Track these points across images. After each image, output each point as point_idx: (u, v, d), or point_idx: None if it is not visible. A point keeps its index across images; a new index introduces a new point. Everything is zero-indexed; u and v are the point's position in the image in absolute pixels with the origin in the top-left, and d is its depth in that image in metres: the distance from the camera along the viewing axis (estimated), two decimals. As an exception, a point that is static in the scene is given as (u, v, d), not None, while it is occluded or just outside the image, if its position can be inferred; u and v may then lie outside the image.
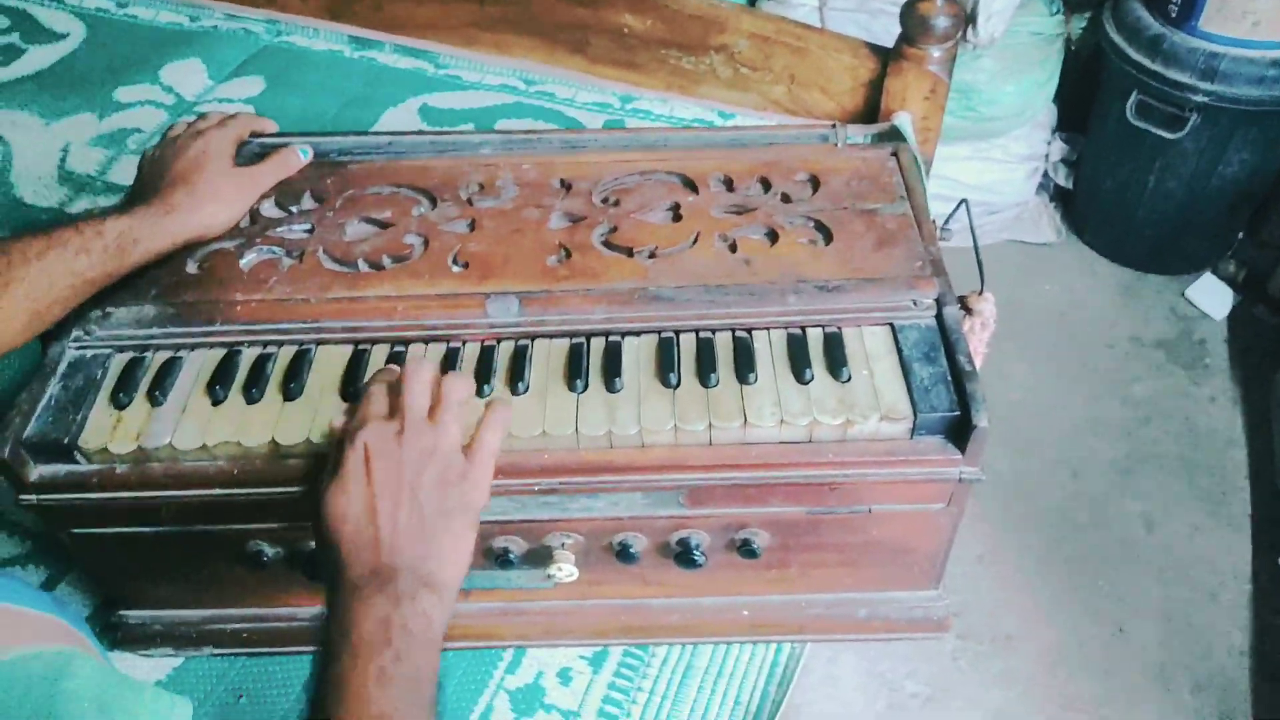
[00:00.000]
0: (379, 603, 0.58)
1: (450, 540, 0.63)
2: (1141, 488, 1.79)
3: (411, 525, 0.62)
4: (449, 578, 0.62)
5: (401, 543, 0.61)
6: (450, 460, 0.65)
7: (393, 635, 0.57)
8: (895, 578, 0.83)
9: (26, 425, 0.72)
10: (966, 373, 0.72)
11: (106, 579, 0.83)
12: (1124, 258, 2.20)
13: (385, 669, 0.56)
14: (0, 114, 1.35)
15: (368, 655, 0.56)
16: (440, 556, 0.62)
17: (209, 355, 0.77)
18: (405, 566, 0.60)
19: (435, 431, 0.66)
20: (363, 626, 0.58)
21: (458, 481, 0.65)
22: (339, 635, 0.58)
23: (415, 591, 0.59)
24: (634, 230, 0.84)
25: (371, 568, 0.60)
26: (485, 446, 0.68)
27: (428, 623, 0.59)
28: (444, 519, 0.63)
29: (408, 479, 0.63)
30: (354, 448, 0.64)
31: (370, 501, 0.62)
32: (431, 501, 0.63)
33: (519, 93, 1.41)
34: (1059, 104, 2.18)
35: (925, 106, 1.26)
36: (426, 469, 0.64)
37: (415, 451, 0.64)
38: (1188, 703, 1.50)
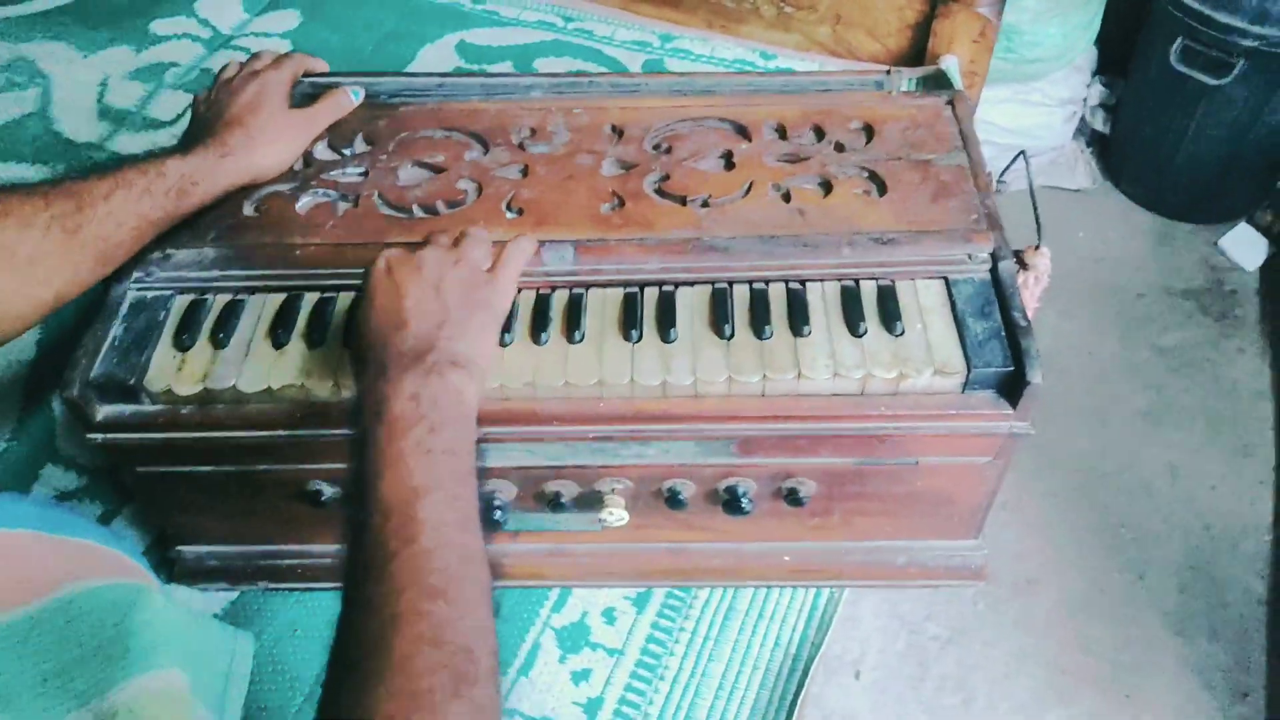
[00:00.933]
0: (408, 380, 0.60)
1: (475, 328, 0.66)
2: (1167, 437, 1.79)
3: (435, 314, 0.65)
4: (474, 358, 0.64)
5: (427, 327, 0.64)
6: (475, 269, 0.69)
7: (424, 409, 0.58)
8: (936, 527, 0.85)
9: (93, 366, 0.74)
10: (1021, 328, 0.72)
11: (166, 515, 0.85)
12: (1159, 206, 2.17)
13: (421, 440, 0.57)
14: (38, 46, 1.34)
15: (403, 429, 0.57)
16: (466, 339, 0.64)
17: (270, 299, 0.78)
18: (432, 346, 0.62)
19: (457, 251, 0.70)
20: (394, 404, 0.59)
21: (483, 285, 0.69)
22: (372, 416, 0.59)
23: (443, 368, 0.61)
24: (686, 178, 0.84)
25: (399, 351, 0.62)
26: (509, 262, 0.72)
27: (459, 396, 0.61)
28: (468, 310, 0.66)
29: (431, 278, 0.67)
30: (377, 267, 0.68)
31: (396, 295, 0.65)
32: (454, 296, 0.66)
33: (557, 30, 1.39)
34: (1099, 47, 2.13)
35: (973, 50, 1.24)
36: (449, 272, 0.68)
37: (437, 260, 0.68)
38: (1204, 649, 1.53)
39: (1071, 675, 1.52)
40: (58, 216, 0.69)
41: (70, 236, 0.69)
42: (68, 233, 0.69)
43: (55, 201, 0.69)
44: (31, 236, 0.68)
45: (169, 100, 1.28)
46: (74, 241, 0.69)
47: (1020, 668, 1.53)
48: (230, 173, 0.80)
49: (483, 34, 1.38)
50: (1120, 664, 1.53)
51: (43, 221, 0.68)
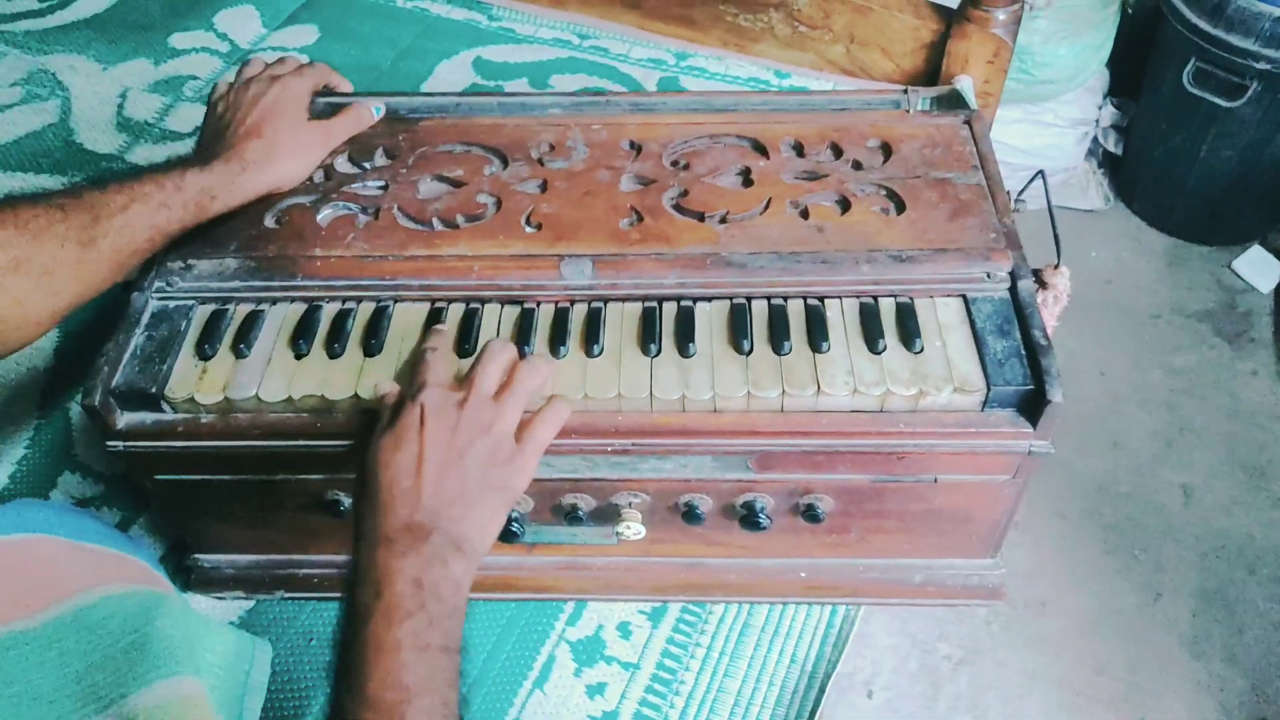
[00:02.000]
0: (412, 561, 0.59)
1: (487, 513, 0.64)
2: (1181, 459, 1.79)
3: (452, 488, 0.63)
4: (479, 546, 0.63)
5: (440, 503, 0.62)
6: (503, 441, 0.67)
7: (425, 599, 0.57)
8: (954, 546, 0.84)
9: (114, 374, 0.74)
10: (1041, 347, 0.72)
11: (184, 524, 0.86)
12: (1171, 227, 2.17)
13: (419, 634, 0.56)
14: (59, 58, 1.35)
15: (401, 618, 0.56)
16: (473, 524, 0.63)
17: (290, 309, 0.78)
18: (440, 527, 0.61)
19: (496, 410, 0.67)
20: (395, 585, 0.58)
21: (505, 463, 0.66)
22: (370, 594, 0.58)
23: (446, 555, 0.60)
24: (705, 194, 0.84)
25: (406, 522, 0.61)
26: (538, 438, 0.69)
27: (456, 588, 0.60)
28: (484, 491, 0.64)
29: (459, 445, 0.64)
30: (413, 406, 0.65)
31: (419, 455, 0.63)
32: (476, 472, 0.64)
33: (573, 47, 1.40)
34: (1111, 68, 2.14)
35: (987, 70, 1.25)
36: (478, 442, 0.65)
37: (472, 423, 0.66)
38: (1219, 673, 1.52)
39: (1085, 696, 1.51)
40: (74, 229, 0.69)
41: (85, 249, 0.70)
42: (83, 245, 0.70)
43: (72, 214, 0.70)
44: (47, 248, 0.68)
45: (187, 113, 1.29)
46: (89, 253, 0.70)
47: (1033, 688, 1.52)
48: (248, 188, 0.80)
49: (499, 50, 1.39)
50: (1134, 686, 1.52)
51: (58, 234, 0.69)
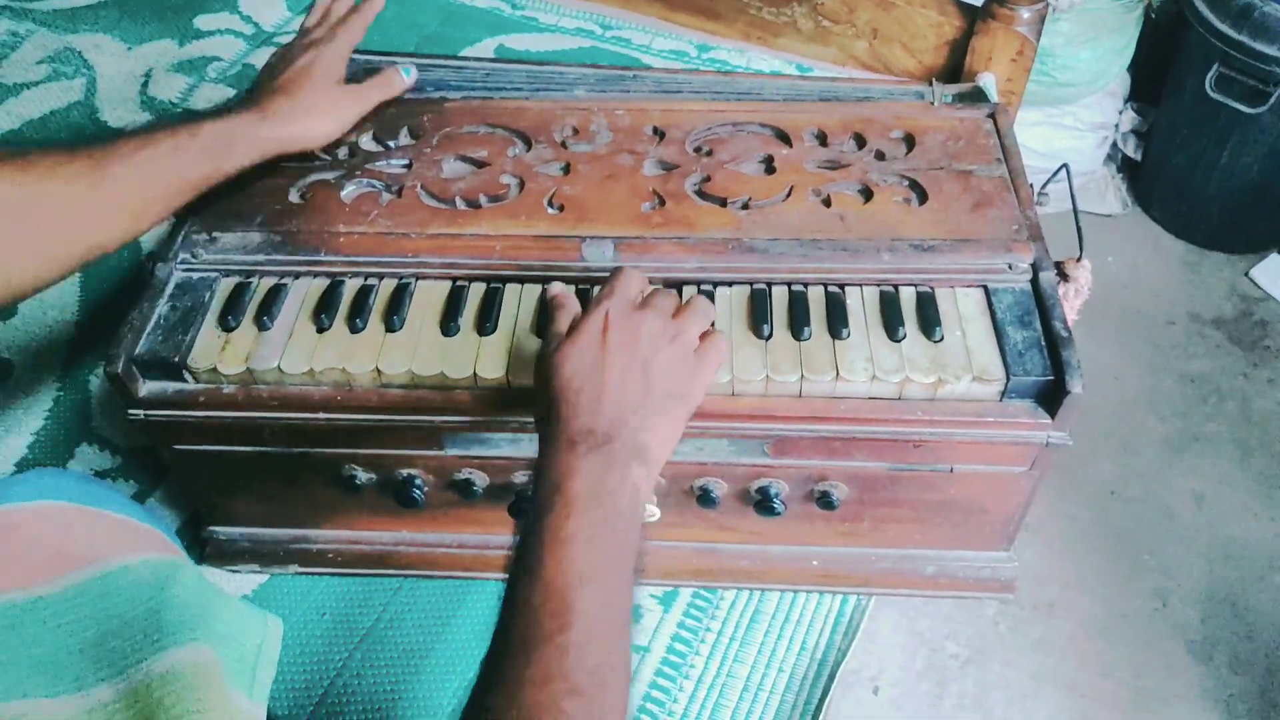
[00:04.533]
0: (594, 462, 0.59)
1: (666, 421, 0.63)
2: (1193, 466, 1.78)
3: (635, 394, 0.62)
4: (658, 455, 0.63)
5: (622, 409, 0.61)
6: (684, 354, 0.66)
7: (603, 499, 0.57)
8: (968, 537, 0.84)
9: (138, 343, 0.75)
10: (1062, 338, 0.72)
11: (201, 495, 0.86)
12: (1189, 233, 2.16)
13: (595, 529, 0.56)
14: (84, 37, 1.36)
15: (579, 512, 0.56)
16: (655, 433, 0.62)
17: (313, 284, 0.79)
18: (623, 434, 0.60)
19: (677, 324, 0.67)
20: (575, 483, 0.58)
21: (687, 373, 0.65)
22: (551, 488, 0.58)
23: (628, 460, 0.59)
24: (727, 180, 0.84)
25: (589, 426, 0.60)
26: (714, 351, 0.68)
27: (635, 494, 0.59)
28: (665, 400, 0.63)
29: (642, 352, 0.64)
30: (596, 312, 0.65)
31: (601, 361, 0.62)
32: (658, 380, 0.63)
33: (595, 37, 1.41)
34: (1132, 73, 2.13)
35: (1010, 68, 1.25)
36: (661, 351, 0.64)
37: (655, 331, 0.65)
38: (1227, 679, 1.51)
39: (1091, 698, 1.50)
40: (81, 170, 0.69)
41: (94, 189, 0.69)
42: (92, 185, 0.69)
43: (80, 155, 0.70)
44: (54, 187, 0.68)
45: (210, 94, 1.29)
46: (98, 193, 0.69)
47: (1039, 689, 1.52)
48: (268, 137, 0.79)
49: (522, 39, 1.39)
50: (1141, 689, 1.51)
51: (64, 174, 0.68)
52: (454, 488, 0.81)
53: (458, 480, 0.80)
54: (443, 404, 0.74)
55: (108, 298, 1.02)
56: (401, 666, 0.82)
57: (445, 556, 0.87)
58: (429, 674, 0.82)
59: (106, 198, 0.70)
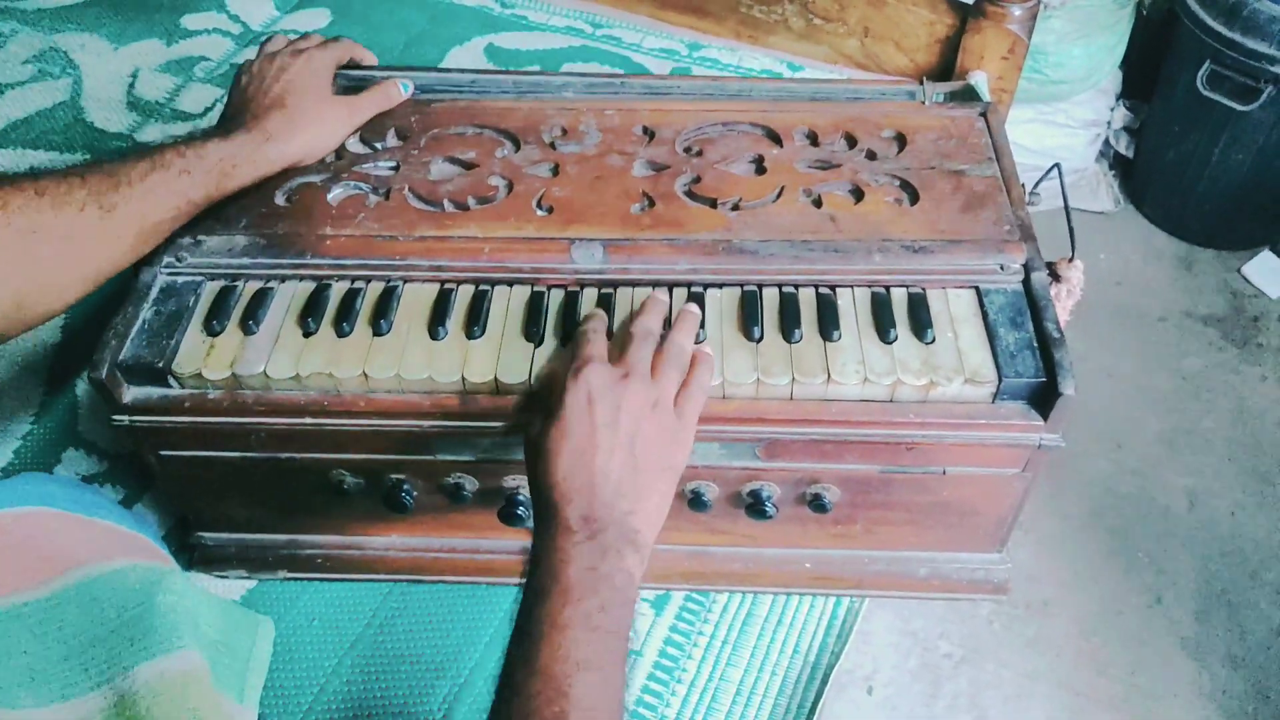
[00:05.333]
0: (587, 550, 0.59)
1: (656, 500, 0.64)
2: (1186, 462, 1.78)
3: (625, 478, 0.62)
4: (648, 537, 0.63)
5: (612, 495, 0.62)
6: (665, 416, 0.66)
7: (599, 585, 0.58)
8: (961, 539, 0.84)
9: (122, 348, 0.74)
10: (1054, 340, 0.71)
11: (188, 501, 0.85)
12: (1181, 230, 2.16)
13: (591, 616, 0.57)
14: (70, 36, 1.35)
15: (575, 600, 0.57)
16: (645, 514, 0.63)
17: (299, 288, 0.78)
18: (614, 520, 0.61)
19: (657, 386, 0.66)
20: (570, 570, 0.58)
21: (669, 441, 0.65)
22: (547, 575, 0.59)
23: (621, 547, 0.60)
24: (717, 181, 0.84)
25: (583, 514, 0.61)
26: (693, 407, 0.68)
27: (629, 580, 0.60)
28: (653, 476, 0.64)
29: (626, 428, 0.63)
30: (577, 388, 0.64)
31: (589, 446, 0.62)
32: (646, 457, 0.64)
33: (585, 36, 1.40)
34: (1124, 70, 2.13)
35: (1002, 66, 1.24)
36: (645, 423, 0.64)
37: (637, 403, 0.65)
38: (1221, 676, 1.51)
39: (1085, 697, 1.50)
40: (94, 195, 0.69)
41: (107, 215, 0.69)
42: (104, 210, 0.69)
43: (91, 181, 0.70)
44: (67, 215, 0.68)
45: (198, 93, 1.28)
46: (110, 220, 0.69)
47: (1034, 688, 1.52)
48: (271, 158, 0.80)
49: (511, 38, 1.39)
50: (1135, 687, 1.51)
51: (78, 200, 0.68)
52: (443, 492, 0.80)
53: (447, 485, 0.80)
54: (431, 408, 0.74)
55: (94, 303, 1.01)
56: (391, 672, 0.82)
57: (435, 561, 0.87)
58: (419, 679, 0.81)
59: (117, 223, 0.70)
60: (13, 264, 0.65)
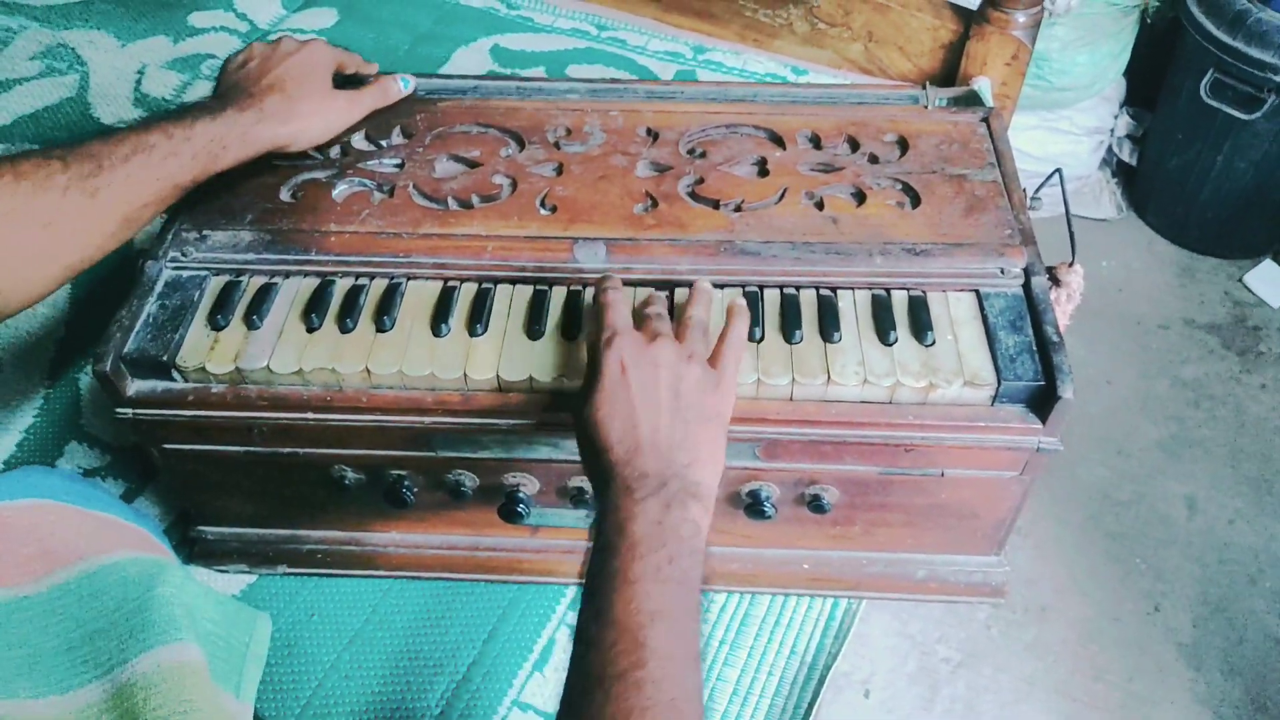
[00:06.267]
0: (651, 505, 0.60)
1: (709, 448, 0.64)
2: (1186, 470, 1.78)
3: (675, 432, 0.63)
4: (710, 485, 0.64)
5: (666, 450, 0.62)
6: (702, 371, 0.67)
7: (666, 538, 0.59)
8: (958, 542, 0.84)
9: (126, 341, 0.74)
10: (1053, 344, 0.72)
11: (190, 495, 0.86)
12: (1183, 238, 2.16)
13: (660, 568, 0.57)
14: (78, 33, 1.35)
15: (644, 553, 0.58)
16: (702, 465, 0.63)
17: (303, 283, 0.78)
18: (673, 473, 0.62)
19: (685, 347, 0.68)
20: (637, 525, 0.59)
21: (711, 390, 0.66)
22: (614, 532, 0.59)
23: (684, 499, 0.61)
24: (720, 183, 0.84)
25: (641, 472, 0.61)
26: (731, 357, 0.69)
27: (696, 529, 0.60)
28: (701, 426, 0.64)
29: (665, 386, 0.65)
30: (610, 359, 0.66)
31: (632, 410, 0.63)
32: (689, 409, 0.64)
33: (590, 38, 1.40)
34: (1128, 78, 2.13)
35: (1005, 72, 1.25)
36: (683, 379, 0.65)
37: (670, 360, 0.66)
38: (1219, 684, 1.52)
39: (1082, 703, 1.50)
40: (76, 179, 0.67)
41: (90, 198, 0.68)
42: (87, 195, 0.68)
43: (73, 164, 0.68)
44: (49, 199, 0.66)
45: (204, 91, 1.29)
46: (94, 203, 0.68)
47: (1030, 693, 1.52)
48: (262, 138, 0.78)
49: (517, 39, 1.39)
50: (1132, 694, 1.51)
51: (60, 184, 0.67)
52: (443, 489, 0.81)
53: (447, 481, 0.80)
54: (433, 405, 0.74)
55: (97, 295, 1.02)
56: (390, 668, 0.82)
57: (434, 558, 0.87)
58: (417, 675, 0.82)
59: (101, 206, 0.69)
60: None
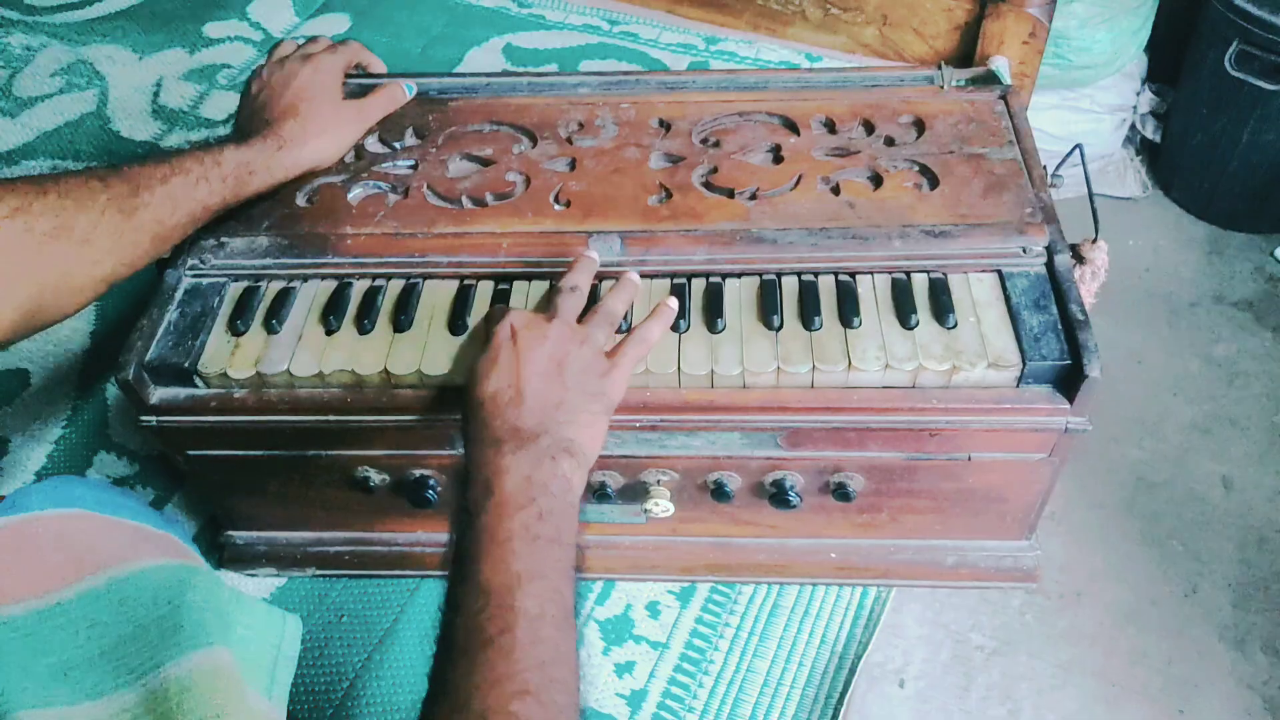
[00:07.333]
0: (521, 459, 0.59)
1: (588, 418, 0.64)
2: (1221, 449, 1.75)
3: (553, 394, 0.63)
4: (587, 447, 0.63)
5: (542, 408, 0.62)
6: (594, 355, 0.67)
7: (535, 493, 0.58)
8: (987, 527, 0.83)
9: (148, 349, 0.75)
10: (1079, 322, 0.70)
11: (217, 500, 0.86)
12: (1211, 214, 2.13)
13: (529, 525, 0.56)
14: (96, 48, 1.37)
15: (512, 511, 0.57)
16: (579, 426, 0.63)
17: (321, 286, 0.79)
18: (546, 430, 0.61)
19: (583, 330, 0.68)
20: (505, 481, 0.58)
21: (599, 375, 0.66)
22: (481, 490, 0.59)
23: (555, 453, 0.60)
24: (735, 171, 0.83)
25: (513, 426, 0.61)
26: (630, 353, 0.69)
27: (567, 485, 0.60)
28: (584, 398, 0.64)
29: (554, 356, 0.65)
30: (502, 326, 0.67)
31: (515, 368, 0.64)
32: (573, 381, 0.65)
33: (602, 33, 1.40)
34: (1150, 53, 2.10)
35: (1023, 51, 1.23)
36: (571, 355, 0.66)
37: (562, 335, 0.66)
38: (1262, 665, 1.49)
39: (1121, 687, 1.48)
40: (114, 199, 0.70)
41: (126, 218, 0.70)
42: (124, 214, 0.70)
43: (113, 185, 0.71)
44: (89, 217, 0.69)
45: (221, 101, 1.30)
46: (129, 223, 0.70)
47: (1068, 679, 1.50)
48: (286, 165, 0.81)
49: (529, 37, 1.39)
50: (1172, 677, 1.49)
51: (100, 203, 0.69)
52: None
53: (471, 479, 0.80)
54: (453, 403, 0.74)
55: (123, 307, 1.03)
56: (420, 668, 0.82)
57: (461, 556, 0.87)
58: (447, 674, 0.82)
59: (136, 225, 0.71)
60: (32, 266, 0.66)
